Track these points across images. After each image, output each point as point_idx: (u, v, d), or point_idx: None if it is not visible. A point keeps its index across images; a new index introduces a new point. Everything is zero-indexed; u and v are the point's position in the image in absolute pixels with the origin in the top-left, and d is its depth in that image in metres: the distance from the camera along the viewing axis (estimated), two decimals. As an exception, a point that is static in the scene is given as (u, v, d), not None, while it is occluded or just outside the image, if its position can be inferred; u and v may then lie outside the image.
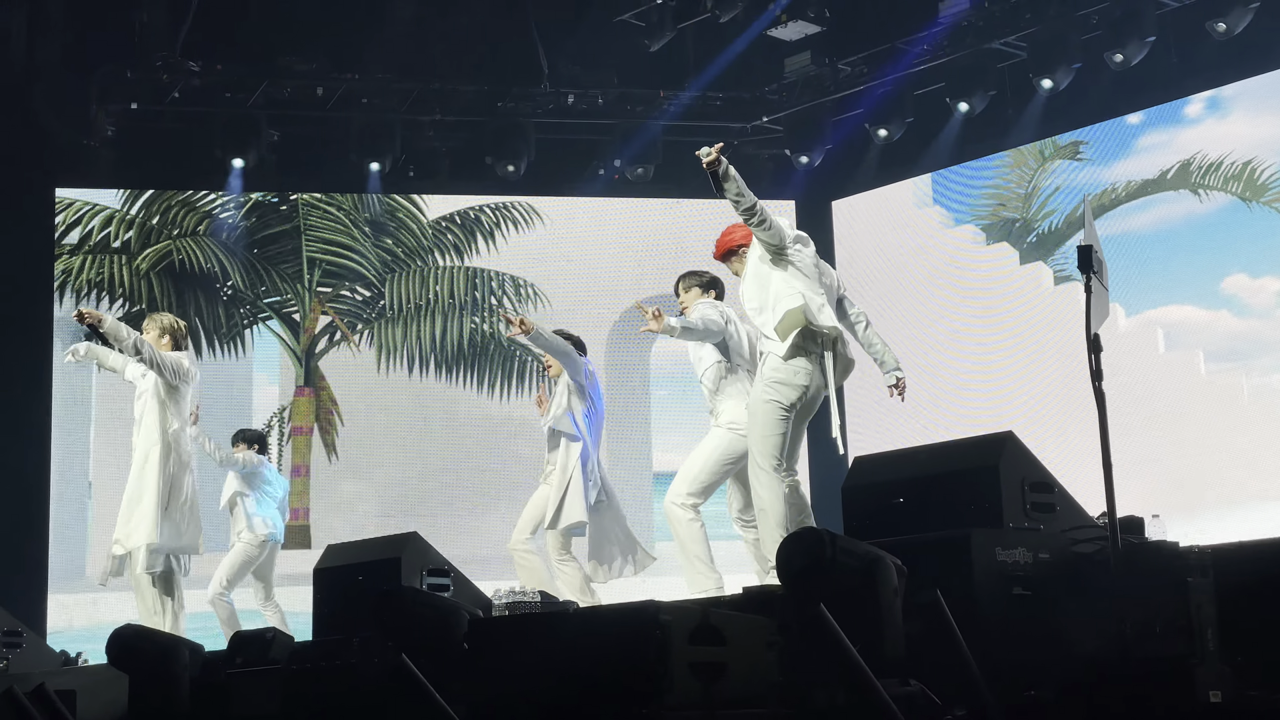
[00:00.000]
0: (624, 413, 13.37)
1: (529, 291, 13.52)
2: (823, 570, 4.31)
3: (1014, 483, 5.09)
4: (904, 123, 12.70)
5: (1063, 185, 12.38)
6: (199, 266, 13.28)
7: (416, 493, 12.98)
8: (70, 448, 12.75)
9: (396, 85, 13.04)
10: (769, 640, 4.24)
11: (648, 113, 13.38)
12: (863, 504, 5.50)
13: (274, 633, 6.14)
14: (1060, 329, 11.91)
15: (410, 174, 13.60)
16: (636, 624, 3.97)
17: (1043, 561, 4.89)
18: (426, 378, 13.36)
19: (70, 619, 12.27)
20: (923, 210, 13.16)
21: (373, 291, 13.56)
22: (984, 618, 4.65)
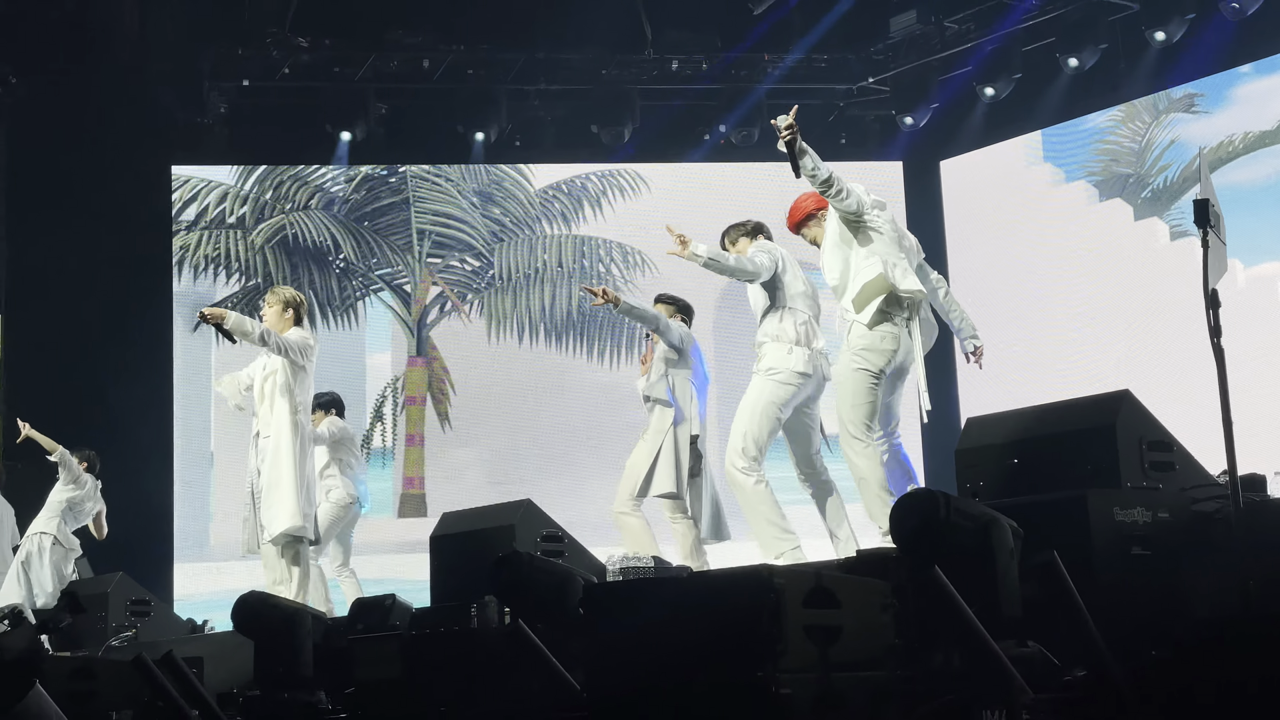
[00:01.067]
0: (732, 380, 13.34)
1: (636, 259, 13.55)
2: (937, 532, 4.29)
3: (1131, 441, 5.03)
4: (1012, 80, 12.53)
5: (1177, 139, 12.16)
6: (312, 240, 13.46)
7: (529, 460, 13.09)
8: (191, 420, 13.01)
9: (501, 56, 13.10)
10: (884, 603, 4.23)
11: (752, 77, 13.32)
12: (977, 465, 5.45)
13: (393, 599, 6.24)
14: (1177, 285, 11.70)
15: (516, 144, 13.67)
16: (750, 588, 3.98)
17: (1162, 521, 4.82)
18: (536, 346, 13.46)
19: (196, 587, 12.54)
20: (1033, 168, 12.99)
21: (482, 261, 13.66)
22: (1102, 578, 4.61)
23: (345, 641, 6.07)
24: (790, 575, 4.05)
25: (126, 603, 9.08)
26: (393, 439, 13.35)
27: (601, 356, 13.48)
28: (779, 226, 9.43)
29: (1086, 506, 4.71)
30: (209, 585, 12.44)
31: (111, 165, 12.78)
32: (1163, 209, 12.20)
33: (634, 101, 13.19)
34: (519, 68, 13.14)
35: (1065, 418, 5.39)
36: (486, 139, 13.15)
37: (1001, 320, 12.63)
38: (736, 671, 3.90)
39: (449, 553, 7.15)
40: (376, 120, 13.16)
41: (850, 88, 13.57)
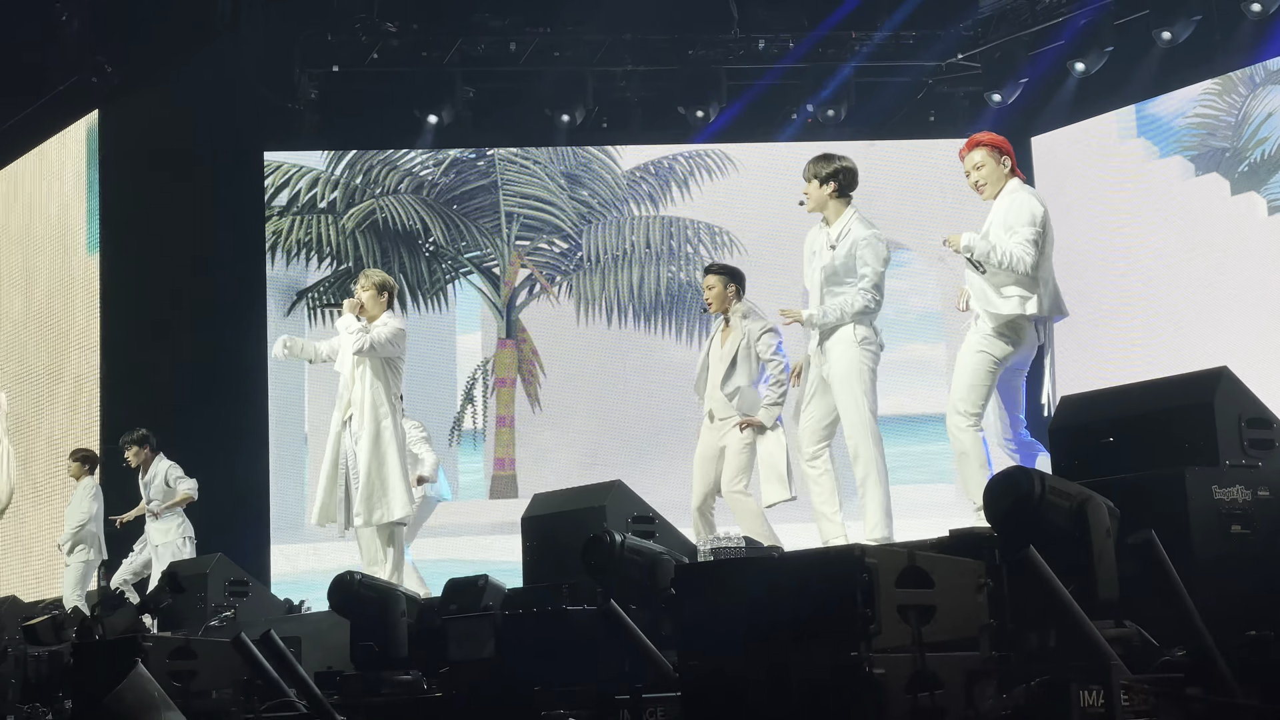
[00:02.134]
0: (823, 358, 13.30)
1: (725, 239, 13.52)
2: (1032, 511, 4.26)
3: (1230, 419, 4.96)
4: (1103, 54, 12.34)
5: (1275, 111, 11.93)
6: (401, 224, 13.57)
7: (618, 441, 13.12)
8: (286, 402, 13.17)
9: (587, 38, 13.12)
10: (978, 583, 4.20)
11: (840, 55, 13.24)
12: (1072, 444, 5.41)
13: (486, 580, 6.28)
14: (1277, 259, 11.51)
15: (604, 125, 13.69)
16: (843, 567, 3.97)
17: (1262, 499, 4.76)
18: (625, 327, 13.48)
19: (293, 567, 12.71)
20: (1126, 143, 12.81)
21: (570, 243, 13.70)
22: (1201, 557, 4.55)
23: (439, 622, 6.12)
24: (883, 554, 4.04)
25: (225, 583, 9.20)
26: (483, 421, 13.44)
27: (690, 337, 13.47)
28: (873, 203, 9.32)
29: (1184, 485, 4.66)
30: (305, 565, 12.60)
31: (205, 152, 12.96)
32: (1260, 183, 11.99)
33: (721, 81, 13.15)
34: (605, 49, 13.16)
35: (1161, 395, 5.33)
36: (573, 121, 13.18)
37: (1096, 297, 12.48)
38: (830, 652, 3.90)
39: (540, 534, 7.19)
40: (464, 104, 13.22)
41: (939, 64, 13.44)
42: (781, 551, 6.95)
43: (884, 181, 13.44)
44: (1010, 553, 4.21)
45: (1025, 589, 4.18)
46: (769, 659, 4.04)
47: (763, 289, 13.19)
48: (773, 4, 13.19)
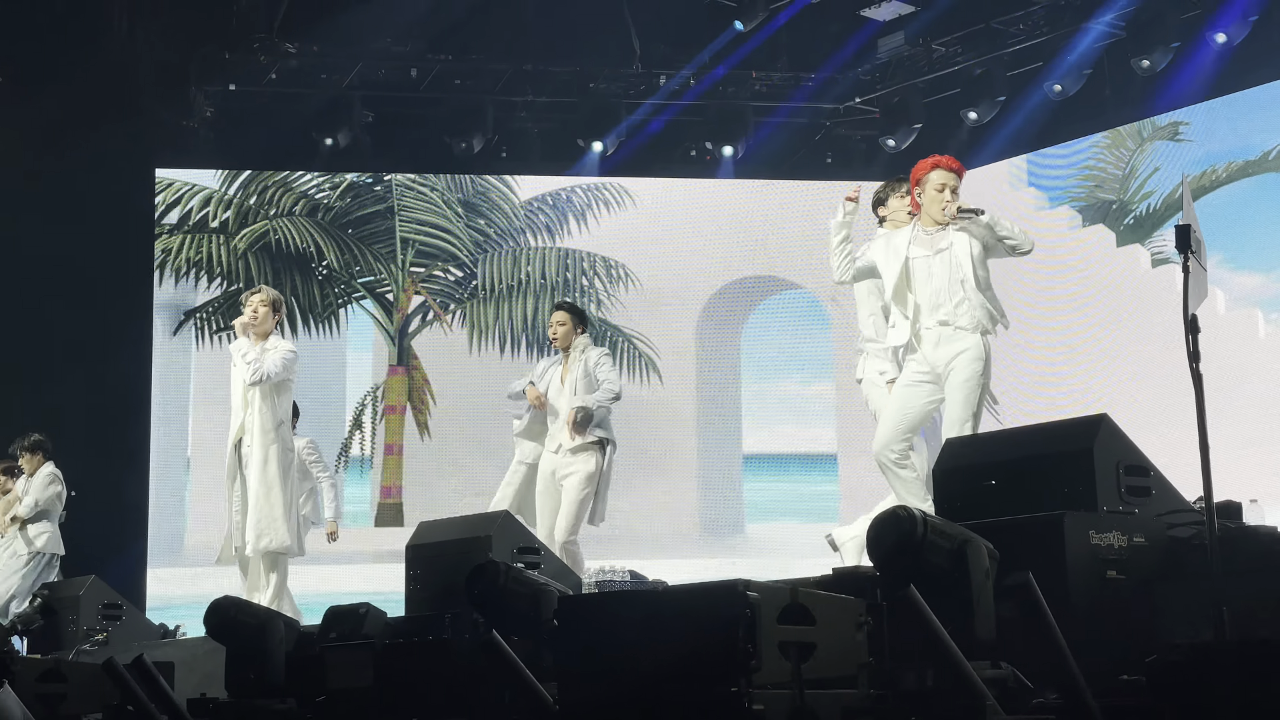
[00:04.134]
0: (715, 395, 13.37)
1: (620, 272, 13.55)
2: (914, 551, 4.29)
3: (1108, 466, 5.03)
4: (996, 103, 12.57)
5: (1161, 166, 12.21)
6: (295, 246, 13.45)
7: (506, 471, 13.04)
8: (169, 424, 12.97)
9: (489, 67, 13.11)
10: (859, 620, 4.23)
11: (740, 94, 13.35)
12: (955, 486, 5.46)
13: (367, 608, 6.21)
14: (1158, 311, 11.75)
15: (503, 155, 13.67)
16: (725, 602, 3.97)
17: (1137, 545, 4.83)
18: (518, 357, 13.44)
19: (169, 592, 12.49)
20: (1018, 192, 13.03)
21: (465, 272, 13.66)
22: (1077, 601, 4.61)
23: (317, 649, 6.04)
24: (766, 591, 4.05)
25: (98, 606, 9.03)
26: (371, 447, 13.33)
27: (582, 370, 13.46)
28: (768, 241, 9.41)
29: (1062, 529, 4.71)
30: (183, 590, 12.39)
31: (96, 166, 12.75)
32: (1145, 236, 12.25)
33: (621, 115, 13.21)
34: (506, 79, 13.16)
35: (1043, 440, 5.40)
36: (471, 149, 13.16)
37: (982, 343, 12.63)
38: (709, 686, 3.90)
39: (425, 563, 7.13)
40: (363, 128, 13.15)
41: (837, 107, 13.60)
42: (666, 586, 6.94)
43: (779, 221, 13.58)
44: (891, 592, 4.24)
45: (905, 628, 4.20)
46: (649, 692, 4.03)
47: (657, 323, 13.29)
48: (675, 41, 13.27)
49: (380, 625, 6.15)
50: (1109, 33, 11.94)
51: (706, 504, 13.01)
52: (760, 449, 13.24)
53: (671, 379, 13.11)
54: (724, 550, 12.77)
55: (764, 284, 13.65)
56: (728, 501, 13.13)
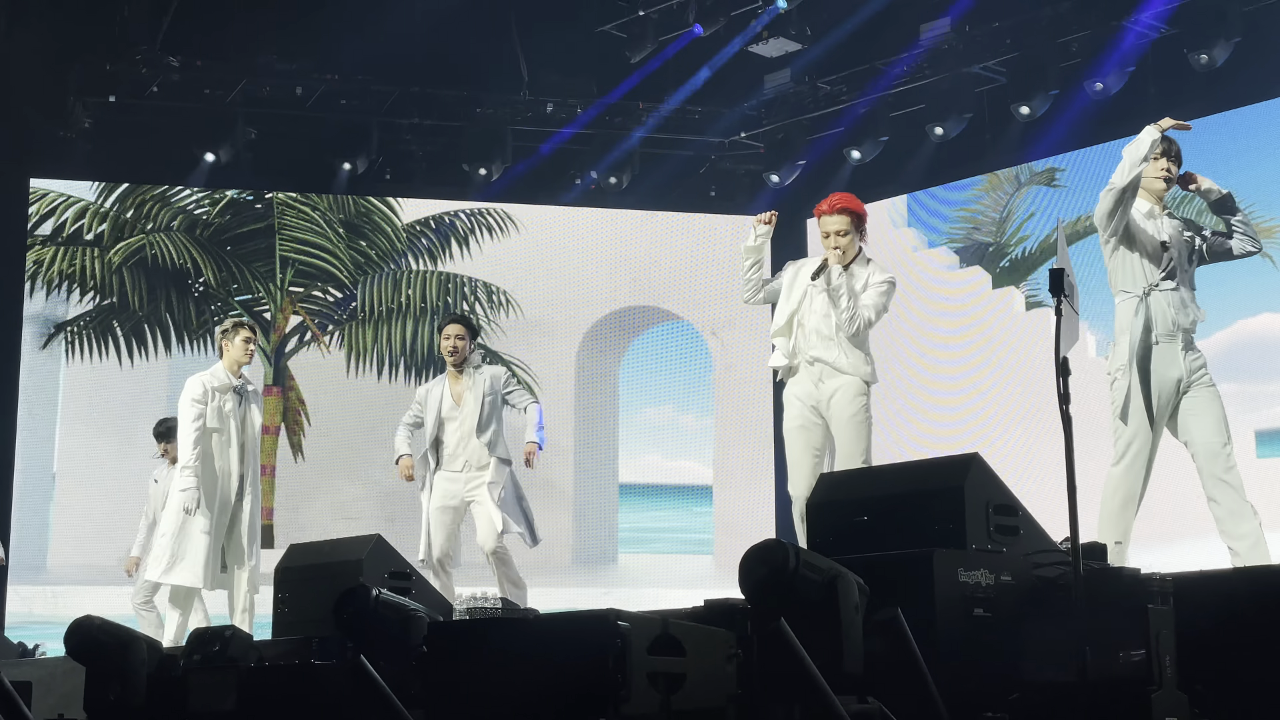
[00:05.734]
0: (592, 424, 13.37)
1: (501, 299, 13.51)
2: (785, 584, 4.31)
3: (978, 504, 5.10)
4: (879, 143, 12.73)
5: (1037, 211, 12.44)
6: (171, 262, 13.23)
7: (382, 496, 12.93)
8: (35, 439, 12.68)
9: (375, 87, 13.03)
10: (729, 653, 4.24)
11: (626, 124, 13.40)
12: (827, 520, 5.50)
13: (232, 630, 6.11)
14: (1030, 354, 11.95)
15: (386, 177, 13.58)
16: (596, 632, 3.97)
17: (1004, 584, 4.90)
18: (396, 381, 13.34)
19: (30, 610, 12.19)
20: (897, 231, 13.21)
21: (345, 293, 13.53)
22: (944, 638, 4.66)
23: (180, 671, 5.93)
24: (637, 621, 4.05)
25: (-46, 624, 8.80)
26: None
27: (461, 395, 13.38)
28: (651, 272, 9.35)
29: (932, 566, 4.76)
30: (44, 609, 12.11)
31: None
32: (1020, 279, 12.46)
33: (506, 141, 13.18)
34: (393, 100, 13.08)
35: (916, 478, 5.46)
36: (355, 170, 13.06)
37: (859, 379, 12.78)
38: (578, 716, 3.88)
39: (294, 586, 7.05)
40: (245, 144, 12.99)
41: (723, 141, 13.70)
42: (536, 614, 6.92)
43: (663, 252, 13.64)
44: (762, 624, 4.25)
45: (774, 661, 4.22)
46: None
47: (539, 351, 13.26)
48: (563, 69, 13.29)
49: (245, 648, 6.05)
50: (989, 78, 12.16)
51: (580, 533, 12.99)
52: (636, 479, 13.26)
53: (550, 407, 13.06)
54: (597, 580, 12.76)
55: (645, 314, 13.69)
56: (602, 531, 13.12)
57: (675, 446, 13.37)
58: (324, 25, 12.67)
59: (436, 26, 12.59)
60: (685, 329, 13.67)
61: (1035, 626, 4.80)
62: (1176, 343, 6.62)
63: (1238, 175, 11.14)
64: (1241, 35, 10.62)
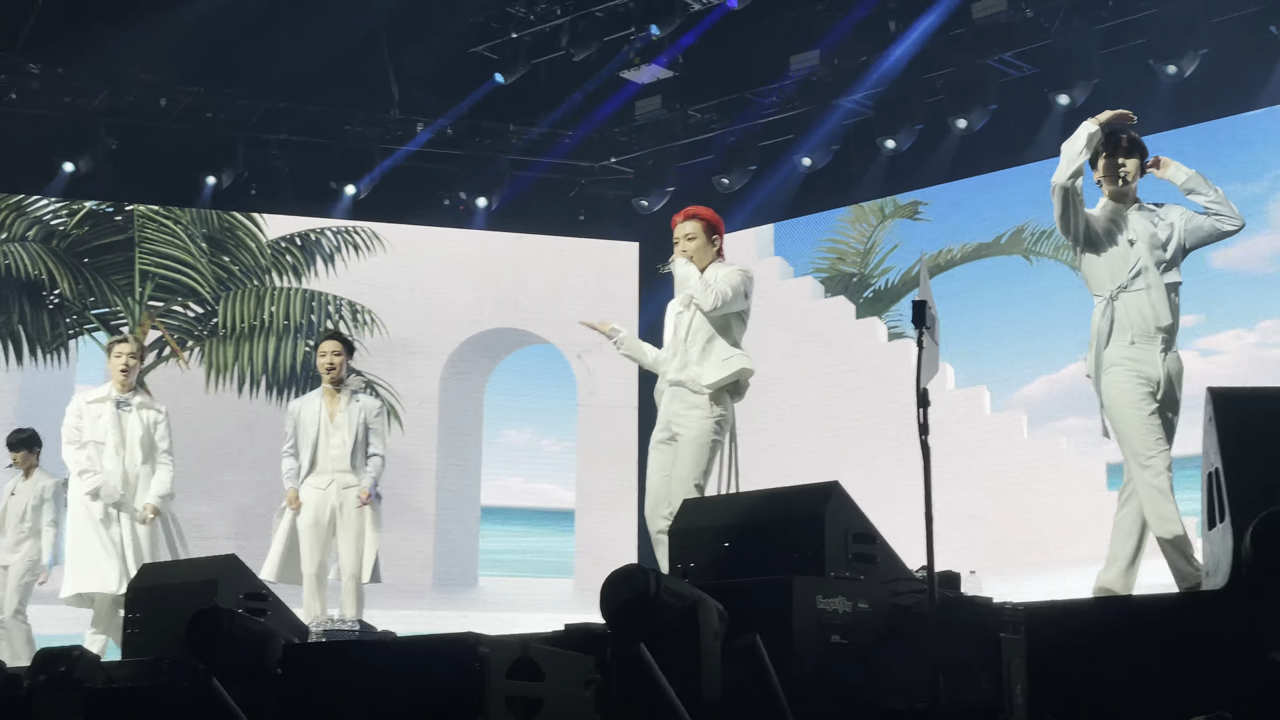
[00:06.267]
0: (456, 446, 13.28)
1: (366, 318, 13.38)
2: (646, 609, 4.31)
3: (838, 532, 5.14)
4: (747, 172, 12.85)
5: (901, 243, 12.63)
6: (25, 272, 12.92)
7: (240, 515, 12.72)
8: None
9: (242, 102, 12.86)
10: (587, 678, 4.22)
11: (497, 145, 13.37)
12: (689, 546, 5.51)
13: (80, 650, 5.97)
14: (892, 384, 12.12)
15: (252, 192, 13.39)
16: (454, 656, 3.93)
17: (862, 611, 4.94)
18: (256, 399, 13.14)
19: None
20: (764, 260, 13.32)
21: (206, 309, 13.30)
22: (801, 664, 4.68)
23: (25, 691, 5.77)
24: (496, 644, 4.02)
25: None
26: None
27: (323, 414, 13.22)
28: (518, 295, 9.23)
29: (791, 593, 4.79)
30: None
31: None
32: (883, 309, 12.64)
33: (376, 160, 13.08)
34: (260, 115, 12.92)
35: (777, 505, 5.49)
36: (220, 184, 12.87)
37: (723, 406, 12.87)
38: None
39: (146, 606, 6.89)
40: (106, 155, 12.73)
41: (593, 165, 13.73)
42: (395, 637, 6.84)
43: (530, 275, 13.62)
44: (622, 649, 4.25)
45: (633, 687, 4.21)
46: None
47: (401, 370, 13.15)
48: (435, 89, 13.23)
49: (92, 668, 5.91)
50: (858, 111, 12.33)
51: (441, 555, 12.89)
52: (499, 502, 13.20)
53: (413, 428, 12.98)
54: (457, 602, 12.66)
55: (511, 337, 13.65)
56: (463, 553, 13.04)
57: (538, 470, 13.34)
58: (192, 37, 12.47)
59: (307, 43, 12.46)
60: (551, 352, 13.65)
61: (891, 654, 4.85)
62: (1155, 344, 6.21)
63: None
64: (1100, 77, 10.90)
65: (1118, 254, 6.30)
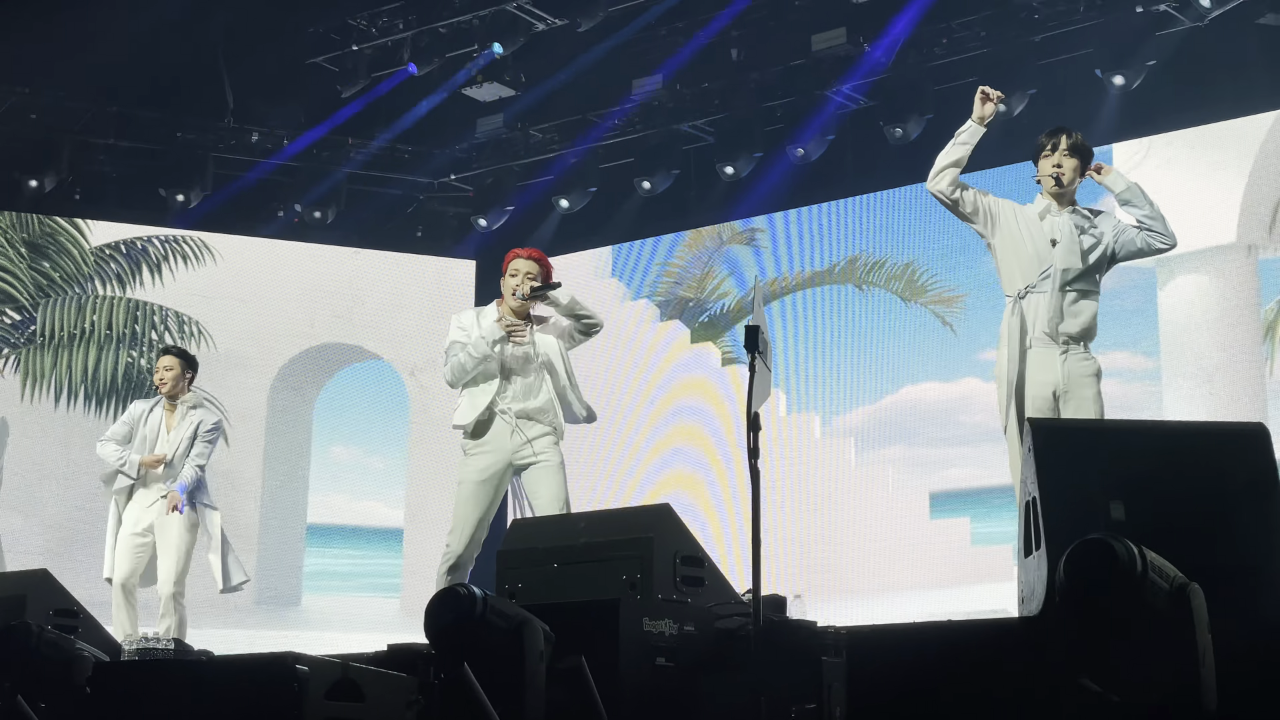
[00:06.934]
0: (282, 460, 13.06)
1: (193, 329, 13.09)
2: (471, 630, 4.27)
3: (666, 555, 5.16)
4: (587, 193, 12.87)
5: (736, 270, 12.73)
6: None
7: (54, 528, 12.35)
8: None
9: (70, 104, 12.53)
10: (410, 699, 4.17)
11: (334, 158, 13.20)
12: (518, 566, 5.49)
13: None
14: (725, 408, 12.21)
15: (76, 197, 13.03)
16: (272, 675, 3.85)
17: (687, 634, 4.95)
18: (74, 410, 12.77)
19: None
20: (601, 281, 13.34)
21: (24, 316, 12.89)
22: (626, 686, 4.68)
23: None
24: (315, 664, 3.94)
25: None
26: (-100, 494, 12.38)
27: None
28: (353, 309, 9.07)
29: (618, 614, 4.79)
30: None
31: None
32: (718, 334, 12.72)
33: (207, 168, 12.82)
34: (88, 118, 12.59)
35: (607, 526, 5.49)
36: (42, 188, 12.50)
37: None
38: (247, 763, 3.75)
39: (-49, 621, 6.64)
40: (-78, 155, 12.32)
41: (432, 182, 13.63)
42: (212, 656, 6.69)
43: (366, 290, 13.47)
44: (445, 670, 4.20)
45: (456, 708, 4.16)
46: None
47: (228, 384, 12.88)
48: (271, 98, 13.02)
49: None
50: (697, 136, 12.42)
51: (264, 572, 12.64)
52: (325, 519, 13.01)
53: (238, 443, 12.71)
54: (279, 621, 12.43)
55: (344, 352, 13.48)
56: (287, 571, 12.81)
57: (366, 487, 13.18)
58: (18, 37, 12.11)
59: (139, 46, 12.17)
60: (384, 368, 13.51)
61: (715, 676, 4.86)
62: (1053, 348, 6.13)
63: (921, 246, 11.66)
64: (934, 112, 11.12)
65: (1033, 254, 6.23)
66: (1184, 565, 3.62)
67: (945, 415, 11.33)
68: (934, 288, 11.54)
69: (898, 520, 11.32)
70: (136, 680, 4.40)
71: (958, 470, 11.15)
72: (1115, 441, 4.38)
